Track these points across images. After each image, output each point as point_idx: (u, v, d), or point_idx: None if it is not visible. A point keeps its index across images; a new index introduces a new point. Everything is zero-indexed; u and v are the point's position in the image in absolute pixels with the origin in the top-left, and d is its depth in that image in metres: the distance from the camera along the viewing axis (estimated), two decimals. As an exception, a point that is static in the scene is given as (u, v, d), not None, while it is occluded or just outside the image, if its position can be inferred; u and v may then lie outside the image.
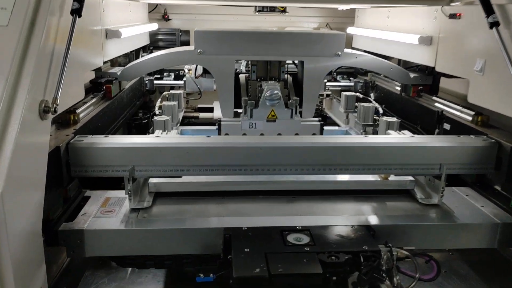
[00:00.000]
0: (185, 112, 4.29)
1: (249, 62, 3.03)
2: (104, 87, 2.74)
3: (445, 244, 2.09)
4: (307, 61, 2.89)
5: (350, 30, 4.37)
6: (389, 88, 3.61)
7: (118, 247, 1.91)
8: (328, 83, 4.10)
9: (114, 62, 3.41)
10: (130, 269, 2.41)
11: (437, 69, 2.76)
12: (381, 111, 3.02)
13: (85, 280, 2.35)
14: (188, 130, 3.24)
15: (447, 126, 2.62)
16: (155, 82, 4.07)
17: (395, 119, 2.64)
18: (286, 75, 3.10)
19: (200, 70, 3.42)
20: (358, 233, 1.86)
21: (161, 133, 2.33)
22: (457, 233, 2.03)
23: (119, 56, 3.44)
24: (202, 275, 1.89)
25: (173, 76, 4.24)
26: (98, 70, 2.84)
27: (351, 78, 4.41)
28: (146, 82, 3.94)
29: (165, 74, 4.25)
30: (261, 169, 2.06)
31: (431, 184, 2.21)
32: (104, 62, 2.91)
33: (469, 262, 2.56)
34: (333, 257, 1.68)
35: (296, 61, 3.36)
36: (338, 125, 3.73)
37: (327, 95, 4.19)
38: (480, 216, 2.07)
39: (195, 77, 3.17)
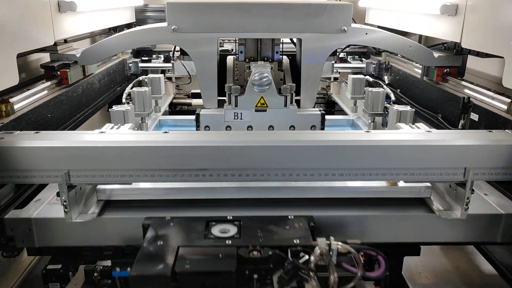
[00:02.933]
0: (176, 98, 3.89)
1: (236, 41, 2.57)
2: (58, 72, 2.32)
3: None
4: (305, 39, 2.40)
5: (362, 2, 3.83)
6: (406, 70, 3.08)
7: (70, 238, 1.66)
8: (336, 65, 3.60)
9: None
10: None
11: (464, 45, 2.24)
12: (393, 97, 2.51)
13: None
14: (168, 120, 2.82)
15: (474, 116, 2.12)
16: (141, 65, 3.64)
17: (408, 108, 2.14)
18: (281, 56, 2.62)
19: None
20: (296, 225, 1.55)
21: (112, 127, 1.90)
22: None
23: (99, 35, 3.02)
24: (118, 269, 1.71)
25: (162, 58, 3.81)
26: (54, 52, 2.42)
27: (363, 59, 3.89)
28: (130, 64, 3.51)
29: (153, 56, 3.81)
30: (230, 174, 1.62)
31: (452, 192, 1.72)
32: (66, 41, 2.49)
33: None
34: (255, 252, 1.42)
35: (294, 39, 2.88)
36: (345, 113, 3.24)
37: (335, 79, 3.69)
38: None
39: (173, 60, 2.73)
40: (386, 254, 2.25)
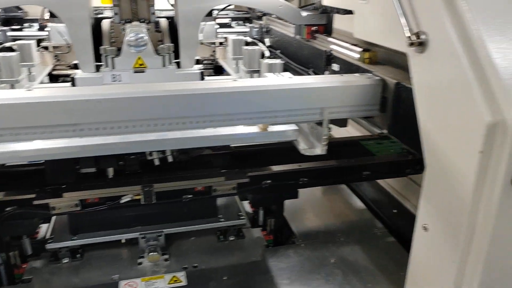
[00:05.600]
0: (57, 70, 3.67)
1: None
2: None
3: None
4: (180, 0, 2.44)
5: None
6: (283, 31, 3.27)
7: None
8: (220, 30, 3.68)
9: None
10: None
11: (324, 3, 2.45)
12: (267, 54, 2.67)
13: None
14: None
15: (336, 67, 2.35)
16: (10, 34, 3.36)
17: (278, 61, 2.32)
18: (158, 18, 2.63)
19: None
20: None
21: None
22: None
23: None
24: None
25: (36, 27, 3.55)
26: None
27: (246, 24, 4.02)
28: (-3, 33, 3.24)
29: (26, 24, 3.54)
30: (102, 127, 1.63)
31: (314, 132, 1.93)
32: None
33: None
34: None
35: (172, 1, 2.89)
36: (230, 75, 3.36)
37: (220, 43, 3.77)
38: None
39: (40, 23, 2.59)
40: (267, 200, 2.45)
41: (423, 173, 1.63)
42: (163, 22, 2.68)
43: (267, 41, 3.55)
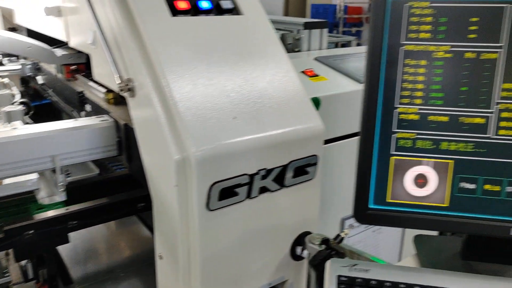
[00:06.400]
0: None
1: None
2: None
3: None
4: None
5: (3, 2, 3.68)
6: (49, 69, 3.16)
7: None
8: (-16, 69, 3.37)
9: None
10: None
11: (71, 44, 2.45)
12: (17, 98, 2.55)
13: None
14: None
15: (89, 108, 2.37)
16: None
17: (19, 107, 2.23)
18: None
19: None
20: None
21: None
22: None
23: None
24: None
25: None
26: None
27: (20, 60, 3.77)
28: None
29: None
30: None
31: (53, 180, 1.91)
32: None
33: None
34: None
35: None
36: None
37: (-13, 84, 3.46)
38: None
39: None
40: (33, 250, 2.32)
41: (153, 207, 1.77)
42: None
43: (40, 79, 3.39)
